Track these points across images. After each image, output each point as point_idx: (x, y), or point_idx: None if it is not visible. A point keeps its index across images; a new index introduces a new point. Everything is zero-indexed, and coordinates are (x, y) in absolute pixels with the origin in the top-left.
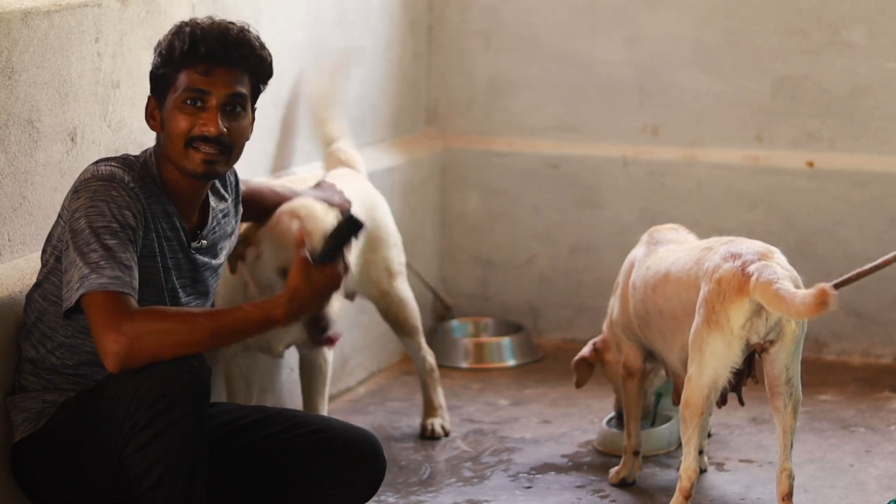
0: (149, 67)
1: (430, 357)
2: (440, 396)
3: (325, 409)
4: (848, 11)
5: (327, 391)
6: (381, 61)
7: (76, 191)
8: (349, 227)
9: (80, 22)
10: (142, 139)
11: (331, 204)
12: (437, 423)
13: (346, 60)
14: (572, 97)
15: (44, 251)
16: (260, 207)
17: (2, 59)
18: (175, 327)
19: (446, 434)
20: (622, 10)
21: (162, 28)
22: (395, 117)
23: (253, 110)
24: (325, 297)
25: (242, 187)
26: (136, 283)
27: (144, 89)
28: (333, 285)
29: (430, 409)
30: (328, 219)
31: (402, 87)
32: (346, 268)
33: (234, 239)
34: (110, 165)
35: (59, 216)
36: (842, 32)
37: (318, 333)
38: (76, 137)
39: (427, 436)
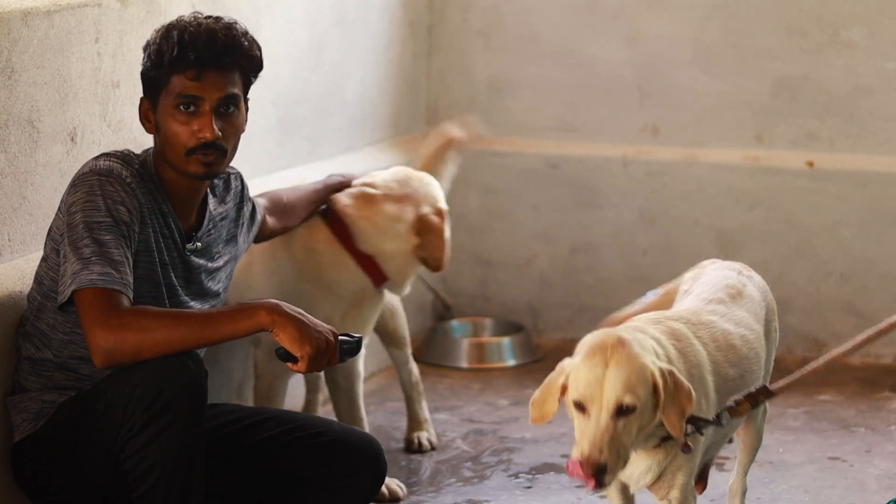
0: None
1: (415, 370)
2: (425, 410)
3: (361, 412)
4: (848, 11)
5: (361, 400)
6: (381, 61)
7: (74, 185)
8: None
9: (80, 22)
10: (142, 139)
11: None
12: (423, 436)
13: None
14: (572, 97)
15: (45, 245)
16: (290, 211)
17: (2, 59)
18: (158, 325)
19: (433, 447)
20: (622, 10)
21: None
22: (395, 117)
23: (246, 101)
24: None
25: (266, 202)
26: (128, 279)
27: None
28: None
29: (415, 422)
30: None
31: (402, 87)
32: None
33: (240, 247)
34: (109, 160)
35: (59, 209)
36: (842, 32)
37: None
38: (76, 137)
39: (413, 449)
